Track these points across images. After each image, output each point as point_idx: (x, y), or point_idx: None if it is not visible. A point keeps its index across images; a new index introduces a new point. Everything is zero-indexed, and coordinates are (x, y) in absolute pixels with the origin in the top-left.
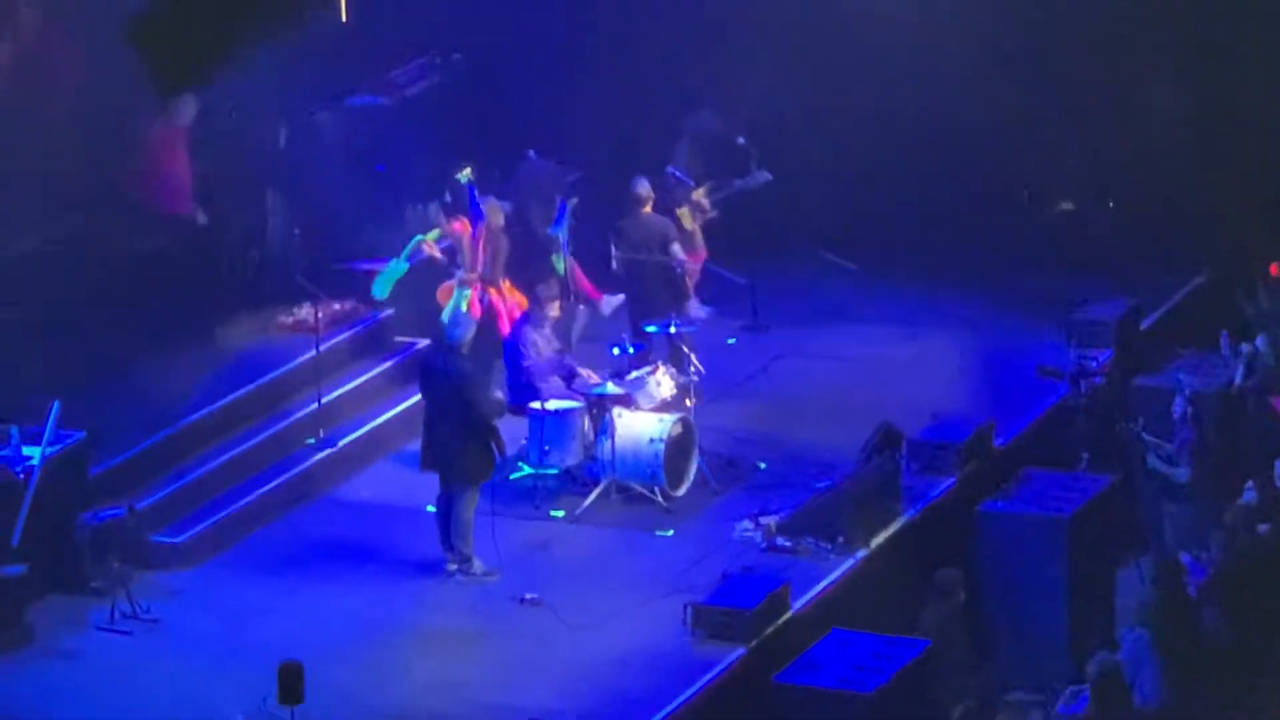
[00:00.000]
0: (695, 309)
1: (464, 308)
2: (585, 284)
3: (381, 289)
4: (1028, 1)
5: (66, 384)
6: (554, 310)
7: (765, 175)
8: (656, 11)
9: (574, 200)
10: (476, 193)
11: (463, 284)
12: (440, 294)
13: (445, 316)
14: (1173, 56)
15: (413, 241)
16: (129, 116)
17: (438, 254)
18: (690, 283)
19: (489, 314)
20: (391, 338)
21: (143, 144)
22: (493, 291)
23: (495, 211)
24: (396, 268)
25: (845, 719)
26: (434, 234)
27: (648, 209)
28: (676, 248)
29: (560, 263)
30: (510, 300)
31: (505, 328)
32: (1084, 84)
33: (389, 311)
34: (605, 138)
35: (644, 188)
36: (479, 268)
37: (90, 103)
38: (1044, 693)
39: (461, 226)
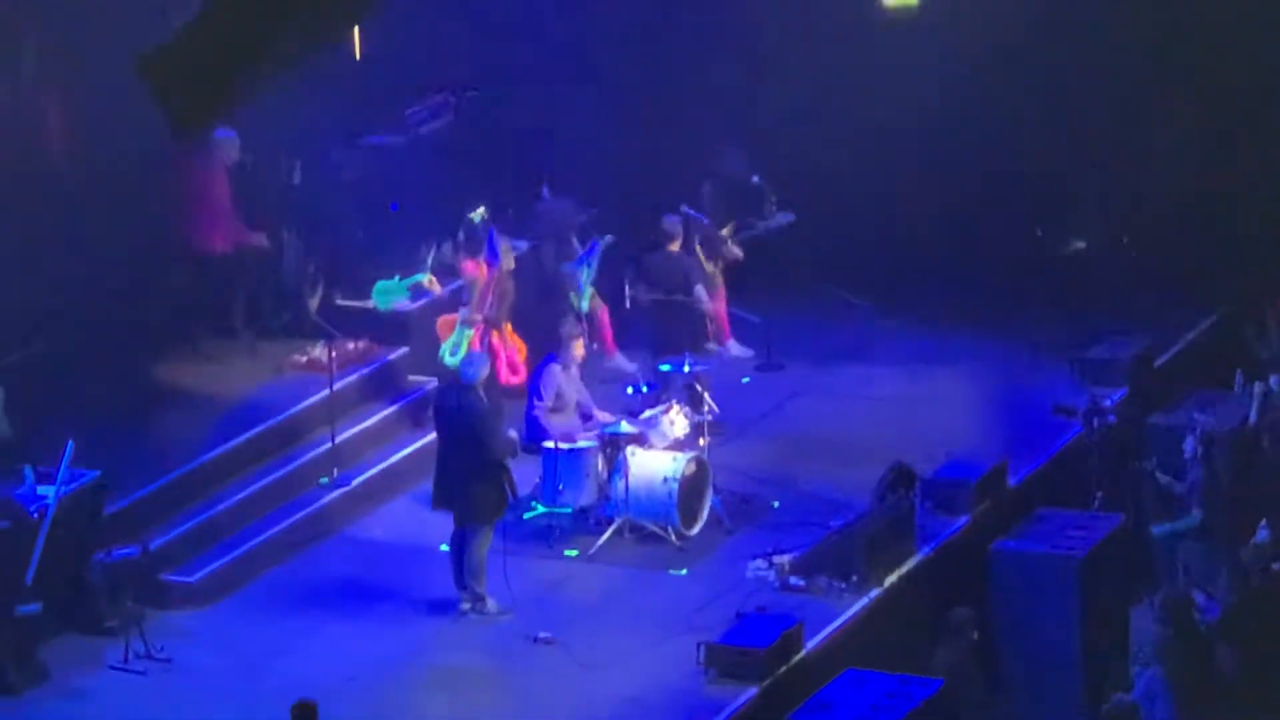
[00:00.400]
0: (736, 349)
1: (464, 346)
2: (608, 334)
3: (384, 300)
4: (1041, 42)
5: (80, 423)
6: (578, 349)
7: (788, 216)
8: (672, 52)
9: (608, 239)
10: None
11: (466, 323)
12: (441, 326)
13: (444, 351)
14: (1186, 97)
15: (416, 277)
16: (154, 155)
17: (438, 288)
18: (712, 325)
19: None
20: (404, 377)
21: (183, 181)
22: (494, 334)
23: (508, 254)
24: (401, 286)
25: None
26: (425, 277)
27: (674, 247)
28: (700, 289)
29: (584, 301)
30: (510, 345)
31: (503, 372)
32: (1097, 124)
33: (403, 351)
34: (618, 176)
35: (675, 227)
36: (485, 310)
37: (109, 142)
38: None
39: (476, 268)
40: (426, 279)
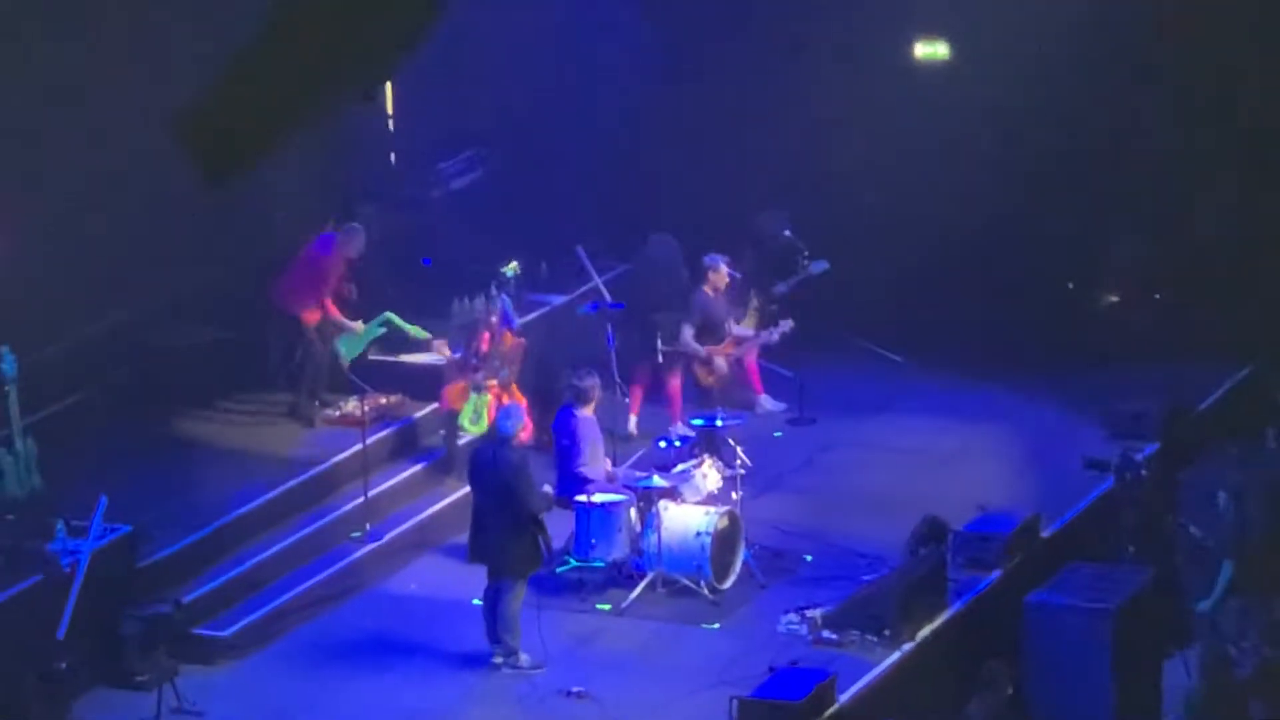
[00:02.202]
0: (768, 404)
1: (484, 413)
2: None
3: (351, 349)
4: (1072, 94)
5: (113, 477)
6: (596, 398)
7: (822, 264)
8: (703, 105)
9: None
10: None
11: (480, 388)
12: (451, 397)
13: (464, 421)
14: (1220, 152)
15: (384, 315)
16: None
17: (446, 353)
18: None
19: None
20: (436, 433)
21: (311, 269)
22: (504, 396)
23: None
24: (371, 332)
25: None
26: (418, 329)
27: (718, 291)
28: (731, 324)
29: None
30: (520, 406)
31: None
32: (1129, 178)
33: (435, 405)
34: (653, 229)
35: (722, 269)
36: (499, 374)
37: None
38: None
39: (508, 338)
40: (426, 338)
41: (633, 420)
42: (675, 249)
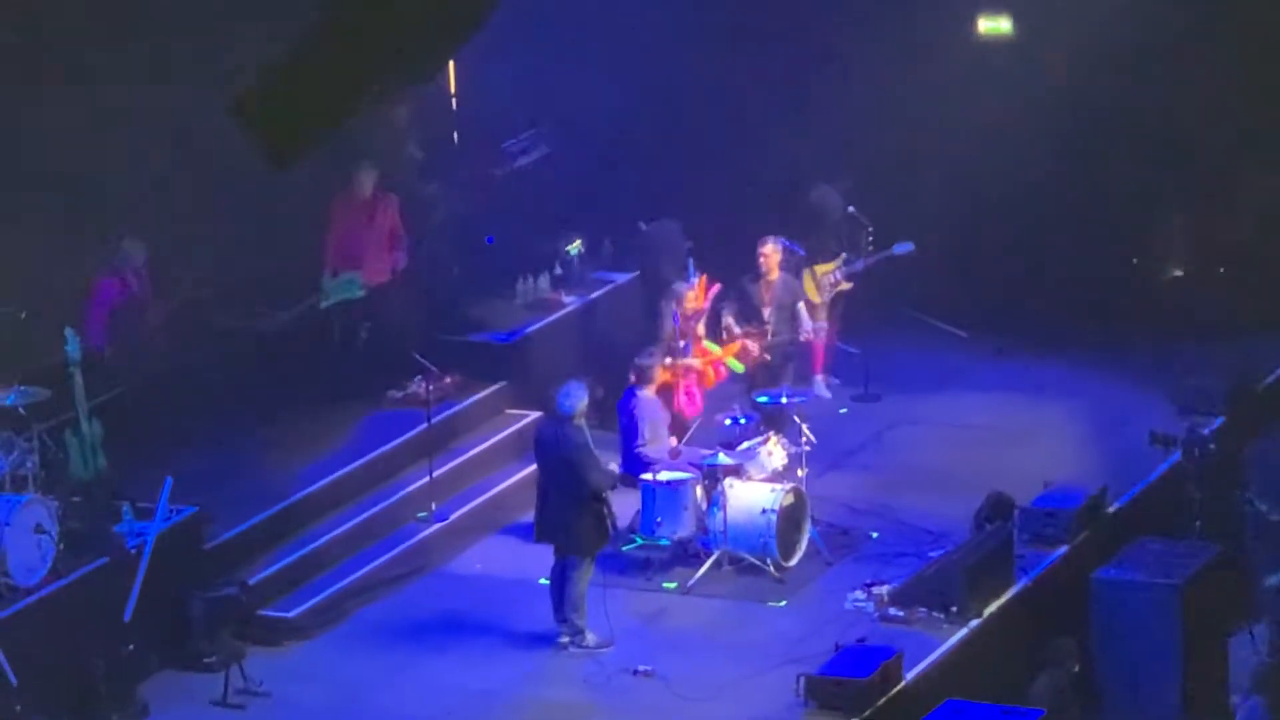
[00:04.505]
0: (820, 387)
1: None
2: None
3: (330, 294)
4: (1137, 68)
5: (179, 459)
6: (660, 377)
7: (908, 245)
8: (767, 81)
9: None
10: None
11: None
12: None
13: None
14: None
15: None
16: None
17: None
18: (818, 358)
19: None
20: (502, 410)
21: (329, 220)
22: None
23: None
24: (351, 287)
25: None
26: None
27: (773, 272)
28: (802, 307)
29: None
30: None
31: (679, 401)
32: (1193, 150)
33: (499, 384)
34: (714, 210)
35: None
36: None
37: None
38: None
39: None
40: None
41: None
42: (676, 231)
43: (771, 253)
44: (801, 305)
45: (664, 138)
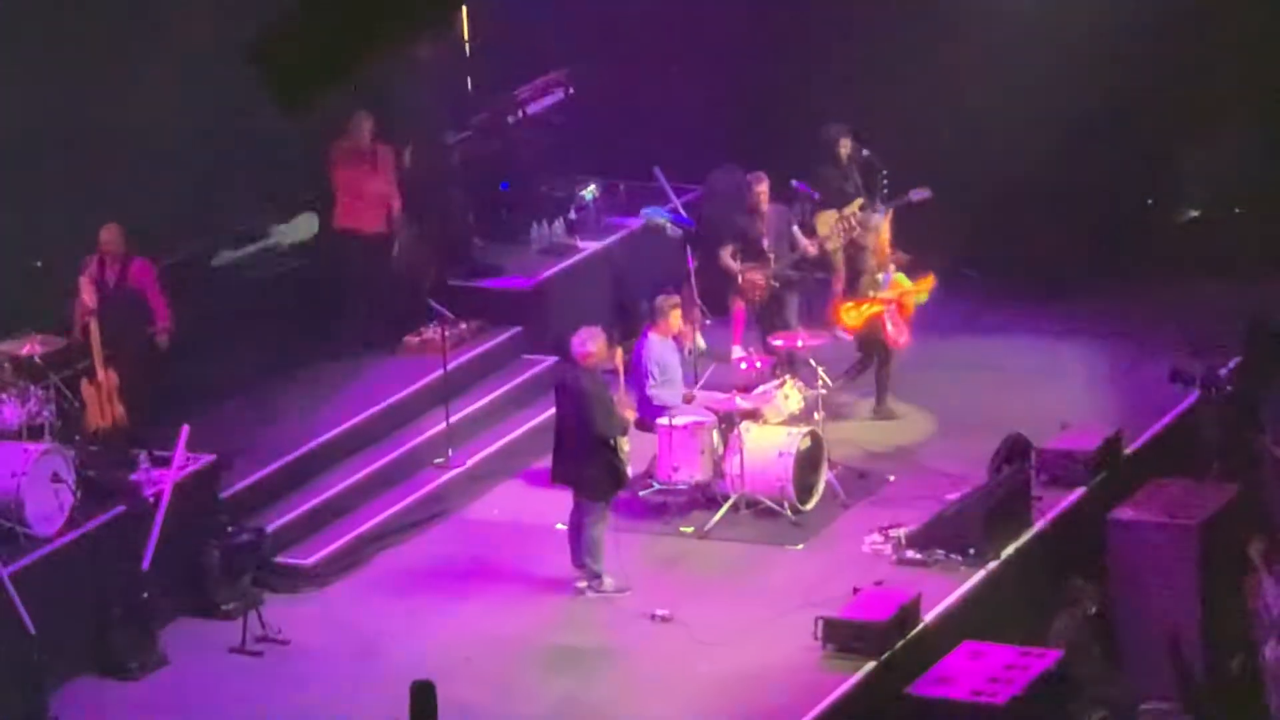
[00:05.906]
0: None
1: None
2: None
3: (292, 232)
4: (1153, 9)
5: (196, 407)
6: (675, 319)
7: (925, 191)
8: (785, 26)
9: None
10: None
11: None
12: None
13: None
14: None
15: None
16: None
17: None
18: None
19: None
20: (519, 356)
21: (328, 165)
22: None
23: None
24: (308, 226)
25: None
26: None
27: (764, 205)
28: (796, 230)
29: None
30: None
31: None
32: (1210, 93)
33: (515, 330)
34: (730, 156)
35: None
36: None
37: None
38: (1179, 701)
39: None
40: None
41: (735, 350)
42: (741, 179)
43: (764, 189)
44: (795, 227)
45: (679, 83)
